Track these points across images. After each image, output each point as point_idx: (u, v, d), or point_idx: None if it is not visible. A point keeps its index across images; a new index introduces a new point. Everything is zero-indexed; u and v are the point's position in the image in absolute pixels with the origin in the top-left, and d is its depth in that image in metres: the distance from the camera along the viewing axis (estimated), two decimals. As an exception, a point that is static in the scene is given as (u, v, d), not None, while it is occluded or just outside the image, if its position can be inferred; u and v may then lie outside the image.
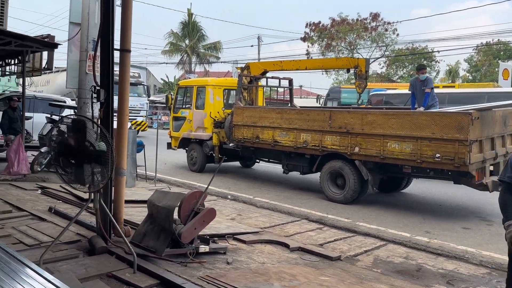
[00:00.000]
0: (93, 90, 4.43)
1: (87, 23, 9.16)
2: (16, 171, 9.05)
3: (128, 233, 4.71)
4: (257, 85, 11.20)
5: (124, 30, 4.53)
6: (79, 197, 6.96)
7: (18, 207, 6.24)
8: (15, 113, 9.79)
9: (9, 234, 4.80)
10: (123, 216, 4.77)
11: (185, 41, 41.10)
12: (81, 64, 9.25)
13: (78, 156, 3.91)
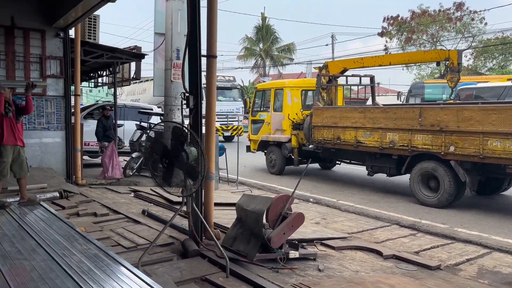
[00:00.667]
0: (183, 97, 4.52)
1: (170, 33, 9.58)
2: (110, 176, 9.68)
3: (218, 236, 4.74)
4: (336, 84, 10.89)
5: (210, 36, 4.57)
6: (169, 200, 7.22)
7: (114, 210, 6.62)
8: (108, 121, 10.50)
9: (108, 237, 5.07)
10: (213, 219, 4.81)
11: (259, 45, 41.57)
12: (166, 72, 9.70)
13: (172, 161, 4.00)
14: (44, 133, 8.77)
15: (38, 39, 8.60)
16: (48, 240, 4.02)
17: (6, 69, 8.31)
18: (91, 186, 9.07)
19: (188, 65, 4.60)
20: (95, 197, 7.67)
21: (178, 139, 3.98)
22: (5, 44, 8.27)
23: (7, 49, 8.28)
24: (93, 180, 9.57)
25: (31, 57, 8.53)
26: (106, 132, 10.37)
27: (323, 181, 10.71)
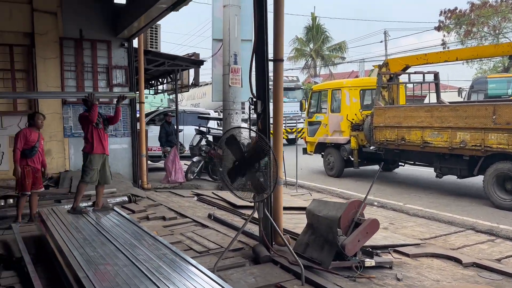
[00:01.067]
0: (250, 102, 4.51)
1: (228, 38, 9.69)
2: (173, 180, 9.95)
3: (288, 241, 4.68)
4: (398, 82, 10.49)
5: (277, 40, 4.54)
6: (232, 204, 7.28)
7: (181, 214, 6.77)
8: (170, 127, 10.81)
9: (180, 241, 5.18)
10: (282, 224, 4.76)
11: (310, 45, 41.18)
12: (224, 78, 9.81)
13: (244, 167, 4.00)
14: (112, 140, 9.13)
15: (104, 49, 9.02)
16: (126, 245, 4.15)
17: (76, 79, 8.79)
18: (156, 190, 9.37)
19: (255, 70, 4.59)
20: (162, 201, 7.89)
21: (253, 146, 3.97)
22: (75, 56, 8.74)
23: (76, 60, 8.76)
24: (157, 184, 9.88)
25: (99, 67, 8.96)
26: (169, 138, 10.68)
27: (385, 183, 10.34)
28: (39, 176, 6.29)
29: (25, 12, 8.28)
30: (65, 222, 5.08)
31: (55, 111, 8.56)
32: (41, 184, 6.39)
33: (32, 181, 6.19)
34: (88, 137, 5.88)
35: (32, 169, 6.17)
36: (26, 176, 6.10)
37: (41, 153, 6.28)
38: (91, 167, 5.84)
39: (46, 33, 8.42)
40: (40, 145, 6.25)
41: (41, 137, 6.33)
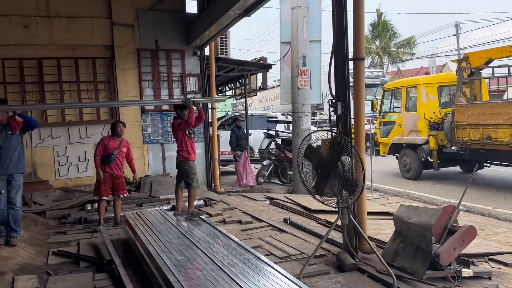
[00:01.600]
0: (330, 104, 4.38)
1: (296, 41, 9.59)
2: (245, 183, 10.04)
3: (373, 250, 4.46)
4: (480, 77, 9.74)
5: (357, 38, 4.37)
6: (307, 208, 7.16)
7: (256, 218, 6.77)
8: (240, 131, 10.94)
9: (259, 245, 5.15)
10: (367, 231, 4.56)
11: (375, 42, 39.87)
12: (293, 80, 9.73)
13: (327, 171, 3.88)
14: (186, 145, 9.45)
15: (178, 58, 9.33)
16: (210, 249, 4.20)
17: (153, 88, 9.17)
18: (229, 193, 9.50)
19: (334, 70, 4.45)
20: (236, 205, 7.97)
21: (333, 148, 3.84)
22: (152, 66, 9.14)
23: (153, 70, 9.14)
24: (229, 188, 10.02)
25: (173, 76, 9.29)
26: (239, 142, 10.81)
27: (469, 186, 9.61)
28: (120, 182, 6.50)
29: (106, 26, 8.81)
30: (150, 226, 5.26)
31: (134, 119, 9.00)
32: (124, 189, 6.58)
33: (110, 187, 6.42)
34: (183, 145, 5.98)
35: (110, 175, 6.40)
36: (103, 181, 6.35)
37: (120, 160, 6.47)
38: (193, 171, 6.00)
39: (125, 45, 8.90)
40: (120, 153, 6.44)
41: (124, 145, 6.53)
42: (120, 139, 6.50)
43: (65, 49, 8.60)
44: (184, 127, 5.93)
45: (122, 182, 6.54)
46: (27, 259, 5.03)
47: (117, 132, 6.47)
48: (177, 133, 6.04)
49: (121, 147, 6.48)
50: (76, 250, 5.39)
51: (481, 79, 9.79)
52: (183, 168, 6.04)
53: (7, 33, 8.20)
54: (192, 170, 6.01)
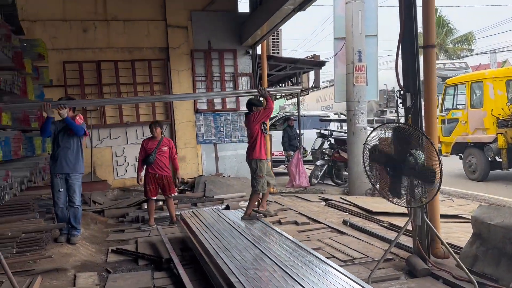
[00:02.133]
0: (398, 95, 4.06)
1: (351, 36, 9.23)
2: (298, 184, 9.80)
3: (447, 254, 4.08)
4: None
5: (427, 24, 4.02)
6: (366, 210, 6.81)
7: (313, 219, 6.51)
8: (292, 131, 10.72)
9: (319, 247, 4.90)
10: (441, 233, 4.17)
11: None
12: (348, 77, 9.37)
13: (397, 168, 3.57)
14: (239, 145, 9.37)
15: (230, 58, 9.30)
16: (269, 249, 4.02)
17: (206, 88, 9.19)
18: (281, 194, 9.30)
19: (401, 60, 4.13)
20: (289, 205, 7.75)
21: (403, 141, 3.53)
22: (205, 66, 9.16)
23: (206, 70, 9.16)
24: (282, 189, 9.82)
25: (226, 76, 9.26)
26: (291, 142, 10.59)
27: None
28: (166, 182, 6.42)
29: (161, 28, 8.95)
30: (206, 224, 5.17)
31: (188, 120, 9.06)
32: (171, 189, 6.51)
33: (156, 187, 6.40)
34: (256, 142, 5.59)
35: (153, 175, 6.37)
36: (147, 182, 6.37)
37: (162, 160, 6.37)
38: (261, 174, 5.62)
39: (179, 47, 8.99)
40: (159, 152, 6.35)
41: (164, 144, 6.42)
42: (158, 139, 6.43)
43: (122, 51, 8.82)
44: (263, 115, 5.53)
45: (169, 181, 6.47)
46: (88, 256, 5.10)
47: (152, 132, 6.42)
48: (253, 128, 5.60)
49: (160, 147, 6.39)
50: (134, 248, 5.41)
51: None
52: (252, 168, 5.67)
53: (67, 37, 8.53)
54: (261, 172, 5.62)
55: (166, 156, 6.46)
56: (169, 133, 9.04)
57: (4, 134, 4.88)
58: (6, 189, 4.40)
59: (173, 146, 6.59)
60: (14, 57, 4.90)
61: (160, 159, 6.40)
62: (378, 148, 3.74)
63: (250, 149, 5.68)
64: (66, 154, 5.35)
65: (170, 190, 6.50)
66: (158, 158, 6.38)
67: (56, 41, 8.51)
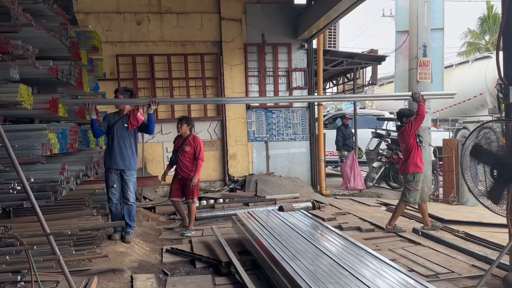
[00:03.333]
0: (499, 89, 3.52)
1: (415, 29, 8.58)
2: (352, 186, 9.27)
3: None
4: None
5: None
6: (437, 218, 6.22)
7: (377, 225, 6.01)
8: (347, 129, 10.18)
9: (393, 258, 4.42)
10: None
11: (485, 37, 36.08)
12: (411, 72, 8.72)
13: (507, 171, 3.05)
14: (291, 143, 8.97)
15: (285, 53, 8.90)
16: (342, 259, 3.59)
17: (259, 84, 8.84)
18: (335, 196, 8.82)
19: (503, 49, 3.57)
20: (347, 209, 7.28)
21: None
22: (258, 61, 8.81)
23: (259, 65, 8.81)
24: (335, 191, 9.33)
25: (279, 71, 8.87)
26: (346, 141, 10.06)
27: None
28: (189, 185, 5.82)
29: (214, 21, 8.68)
30: (266, 227, 4.80)
31: (240, 116, 8.74)
32: (195, 194, 5.89)
33: (180, 188, 5.93)
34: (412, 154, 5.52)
35: (177, 176, 5.96)
36: (173, 181, 6.04)
37: (184, 161, 5.82)
38: (416, 187, 5.54)
39: (232, 40, 8.68)
40: (182, 152, 5.82)
41: (187, 143, 5.82)
42: (184, 137, 5.88)
43: (175, 45, 8.62)
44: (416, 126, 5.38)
45: (193, 185, 5.84)
46: (142, 255, 4.87)
47: (177, 129, 5.93)
48: (409, 142, 5.50)
49: (183, 146, 5.83)
50: (189, 248, 5.15)
51: None
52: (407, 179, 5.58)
53: (121, 30, 8.43)
54: (416, 184, 5.51)
55: (190, 157, 5.86)
56: (220, 130, 8.77)
57: (61, 126, 4.72)
58: (62, 183, 4.22)
59: (200, 146, 5.87)
60: (71, 47, 4.73)
61: (182, 160, 5.85)
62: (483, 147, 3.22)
63: (406, 162, 5.57)
64: (121, 149, 5.15)
65: (193, 194, 5.89)
66: (180, 158, 5.86)
67: (110, 34, 8.43)
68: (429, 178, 8.48)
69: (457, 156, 7.97)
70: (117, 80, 8.36)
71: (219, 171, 8.82)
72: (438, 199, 8.36)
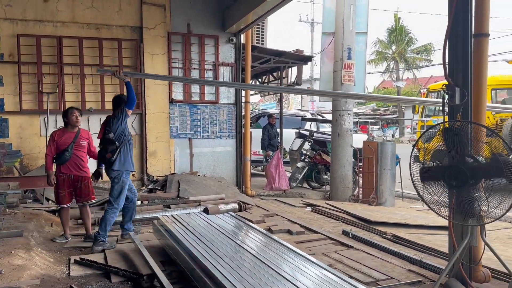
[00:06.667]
0: (445, 90, 3.44)
1: (341, 31, 8.65)
2: (277, 187, 9.10)
3: (488, 278, 3.52)
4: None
5: (480, 8, 3.43)
6: (361, 218, 6.21)
7: (307, 228, 5.82)
8: (273, 129, 10.00)
9: (330, 264, 4.19)
10: (482, 254, 3.58)
11: (392, 47, 38.95)
12: (336, 74, 8.78)
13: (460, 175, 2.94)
14: (216, 141, 8.54)
15: (212, 45, 8.43)
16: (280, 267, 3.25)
17: (184, 76, 8.25)
18: (261, 197, 8.57)
19: (448, 49, 3.51)
20: (275, 210, 7.03)
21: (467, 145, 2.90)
22: (183, 52, 8.22)
23: (184, 56, 8.23)
24: (260, 191, 9.09)
25: (206, 64, 8.37)
26: (271, 141, 9.87)
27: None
28: (84, 185, 5.13)
29: (134, 4, 7.93)
30: (195, 233, 4.31)
31: (161, 110, 8.08)
32: (89, 194, 5.20)
33: (72, 192, 5.13)
34: None
35: (68, 177, 5.06)
36: (60, 186, 5.06)
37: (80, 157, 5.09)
38: None
39: (155, 27, 8.00)
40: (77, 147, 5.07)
41: (82, 137, 5.14)
42: (75, 131, 5.11)
43: (88, 28, 7.71)
44: None
45: (86, 185, 5.16)
46: (45, 268, 4.08)
47: (71, 121, 5.05)
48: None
49: (78, 141, 5.09)
50: (103, 258, 4.46)
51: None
52: None
53: (24, 6, 7.31)
54: None
55: (85, 152, 5.20)
56: (139, 125, 8.02)
57: None
58: None
59: (92, 140, 5.32)
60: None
61: (78, 156, 5.09)
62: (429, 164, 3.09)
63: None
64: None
65: (88, 195, 5.18)
66: (76, 154, 5.07)
67: (10, 10, 7.26)
68: (350, 179, 8.61)
69: (377, 157, 8.16)
70: (17, 63, 7.23)
71: (137, 170, 8.06)
72: (358, 199, 8.51)
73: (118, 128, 4.84)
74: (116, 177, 4.88)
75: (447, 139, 3.13)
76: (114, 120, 4.87)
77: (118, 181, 4.87)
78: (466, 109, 3.38)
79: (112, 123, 4.87)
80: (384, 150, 8.09)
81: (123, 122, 4.86)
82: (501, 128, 8.90)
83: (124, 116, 4.86)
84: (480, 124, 3.16)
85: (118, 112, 4.88)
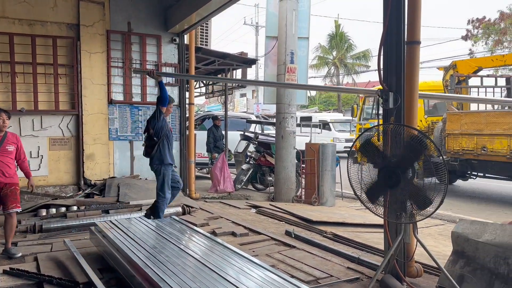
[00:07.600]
0: (379, 94, 3.60)
1: (284, 35, 8.81)
2: (222, 189, 9.06)
3: (420, 273, 3.72)
4: (468, 86, 9.51)
5: (413, 18, 3.64)
6: (305, 219, 6.34)
7: (251, 229, 5.84)
8: (218, 131, 9.94)
9: (272, 264, 4.24)
10: (414, 250, 3.79)
11: (333, 53, 40.34)
12: (279, 78, 8.93)
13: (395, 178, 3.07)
14: (159, 143, 8.31)
15: (154, 45, 8.22)
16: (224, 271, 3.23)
17: (124, 77, 7.99)
18: (205, 200, 8.48)
19: (383, 55, 3.68)
20: (219, 213, 6.99)
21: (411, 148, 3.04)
22: (123, 51, 7.95)
23: (124, 56, 7.96)
24: (204, 194, 9.00)
25: (147, 64, 8.15)
26: (217, 143, 9.81)
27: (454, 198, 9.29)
28: (10, 192, 4.71)
29: (71, 1, 7.53)
30: (135, 239, 4.16)
31: (100, 111, 7.74)
32: (14, 202, 4.72)
33: None
34: None
35: None
36: None
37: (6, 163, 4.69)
38: None
39: (93, 25, 7.65)
40: (3, 152, 4.68)
41: (9, 141, 4.75)
42: (2, 134, 4.74)
43: (20, 24, 7.22)
44: None
45: (13, 192, 4.74)
46: (-32, 282, 3.76)
47: None
48: None
49: (4, 145, 4.73)
50: (35, 267, 4.19)
51: (470, 88, 9.56)
52: None
53: None
54: None
55: (13, 158, 4.82)
56: (75, 126, 7.63)
57: None
58: None
59: (22, 145, 4.96)
60: None
61: (4, 162, 4.70)
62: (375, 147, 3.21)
63: None
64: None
65: (12, 203, 4.70)
66: (2, 160, 4.69)
67: None
68: (293, 180, 8.77)
69: (319, 159, 8.39)
70: None
71: (72, 173, 7.67)
72: (301, 200, 8.68)
73: (155, 125, 5.25)
74: (157, 170, 5.34)
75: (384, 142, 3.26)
76: (153, 118, 5.33)
77: (159, 173, 5.35)
78: (399, 113, 3.56)
79: (151, 121, 5.33)
80: (325, 151, 8.32)
81: (159, 119, 5.26)
82: (432, 131, 9.53)
83: (159, 114, 5.26)
84: (412, 127, 3.33)
85: (155, 110, 5.34)
